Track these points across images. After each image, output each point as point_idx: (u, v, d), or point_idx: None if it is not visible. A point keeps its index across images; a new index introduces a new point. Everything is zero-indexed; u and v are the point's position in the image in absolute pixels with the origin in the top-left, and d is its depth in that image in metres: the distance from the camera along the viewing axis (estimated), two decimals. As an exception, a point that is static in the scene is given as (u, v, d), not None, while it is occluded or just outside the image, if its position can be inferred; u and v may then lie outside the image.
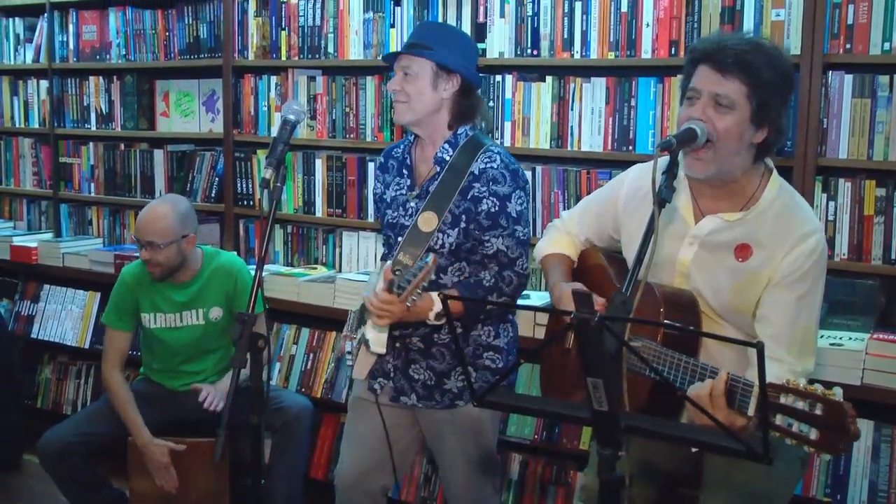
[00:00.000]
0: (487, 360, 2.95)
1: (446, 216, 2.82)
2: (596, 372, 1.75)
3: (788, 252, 2.33)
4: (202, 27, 4.67)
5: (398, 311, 2.68)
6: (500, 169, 2.83)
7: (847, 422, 1.86)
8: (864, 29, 3.23)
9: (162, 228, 3.59)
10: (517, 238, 2.85)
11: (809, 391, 1.91)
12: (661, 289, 2.43)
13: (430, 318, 2.77)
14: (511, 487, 3.86)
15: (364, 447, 3.04)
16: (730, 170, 2.38)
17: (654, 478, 2.70)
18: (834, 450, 1.90)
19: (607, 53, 3.66)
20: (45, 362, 5.14)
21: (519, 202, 2.85)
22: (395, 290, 2.65)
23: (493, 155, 2.86)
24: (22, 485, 4.54)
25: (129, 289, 3.78)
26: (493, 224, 2.82)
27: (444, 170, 2.87)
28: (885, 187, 3.26)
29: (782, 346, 2.33)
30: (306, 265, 4.51)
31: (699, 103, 2.32)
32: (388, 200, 3.01)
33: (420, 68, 2.85)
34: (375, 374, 3.00)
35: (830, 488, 3.25)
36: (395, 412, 3.01)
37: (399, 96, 2.87)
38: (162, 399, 3.85)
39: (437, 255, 2.81)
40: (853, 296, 3.34)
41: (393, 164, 3.05)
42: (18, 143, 5.50)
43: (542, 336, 3.44)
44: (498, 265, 2.85)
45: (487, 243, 2.84)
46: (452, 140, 2.91)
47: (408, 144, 3.04)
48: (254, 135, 4.58)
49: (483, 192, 2.82)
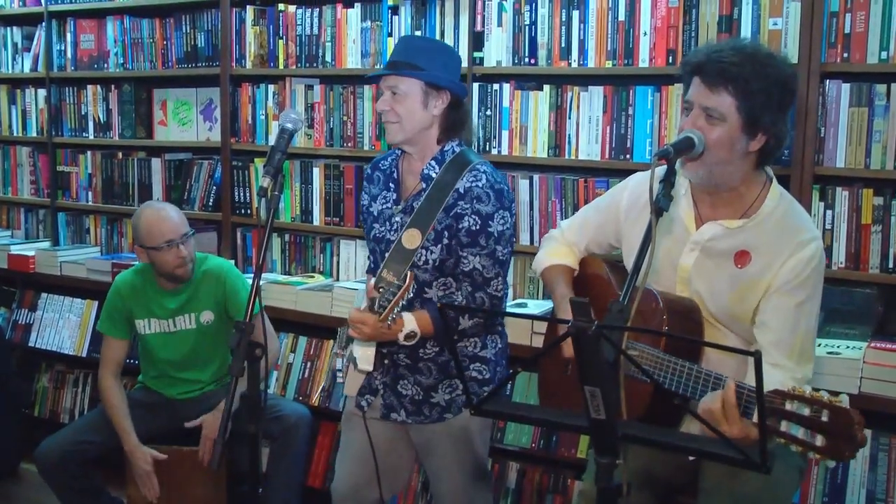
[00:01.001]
0: (474, 372, 2.94)
1: (430, 233, 2.81)
2: (593, 380, 1.75)
3: (787, 259, 2.35)
4: (200, 36, 4.68)
5: (375, 329, 2.69)
6: (486, 188, 2.80)
7: (854, 429, 1.86)
8: (862, 38, 3.23)
9: (182, 220, 3.74)
10: (496, 258, 2.82)
11: (815, 398, 1.91)
12: (664, 296, 2.44)
13: (399, 338, 2.76)
14: (508, 496, 3.86)
15: (357, 461, 3.04)
16: (725, 177, 2.39)
17: (652, 486, 2.69)
18: (840, 456, 1.90)
19: (605, 62, 3.67)
20: (43, 371, 5.13)
21: (501, 222, 2.81)
22: (376, 308, 2.66)
23: (479, 174, 2.83)
24: (20, 493, 4.54)
25: (122, 297, 3.80)
26: (472, 242, 2.79)
27: (429, 187, 2.85)
28: (882, 196, 3.26)
29: (782, 352, 2.34)
30: (304, 274, 4.51)
31: (691, 115, 2.34)
32: (374, 214, 2.99)
33: (409, 87, 2.81)
34: (363, 392, 3.00)
35: (828, 497, 3.25)
36: (387, 427, 3.01)
37: (389, 116, 2.83)
38: (160, 407, 3.85)
39: (422, 270, 2.81)
40: (851, 304, 3.35)
41: (379, 176, 3.03)
42: (16, 152, 5.50)
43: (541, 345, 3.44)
44: (472, 285, 2.82)
45: (465, 260, 2.81)
46: (439, 157, 2.88)
47: (395, 157, 3.02)
48: (251, 143, 4.59)
49: (466, 209, 2.79)
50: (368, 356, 2.85)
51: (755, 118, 2.31)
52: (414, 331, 2.76)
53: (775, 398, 1.97)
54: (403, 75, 2.81)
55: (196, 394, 3.85)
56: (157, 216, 3.70)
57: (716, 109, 2.30)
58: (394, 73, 2.82)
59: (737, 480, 2.47)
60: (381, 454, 2.98)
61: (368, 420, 2.97)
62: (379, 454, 2.97)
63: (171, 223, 3.68)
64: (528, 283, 3.95)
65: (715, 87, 2.29)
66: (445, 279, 2.87)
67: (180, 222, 3.72)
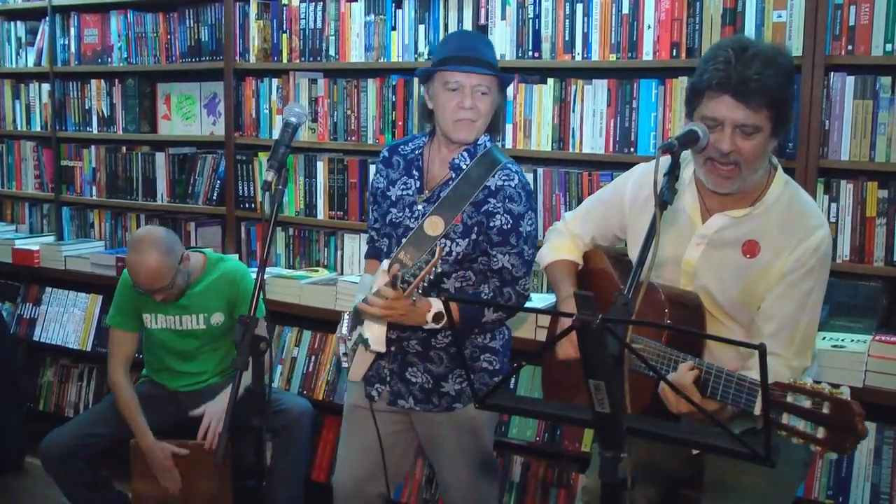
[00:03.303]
0: (485, 363, 2.95)
1: (457, 225, 2.81)
2: (598, 374, 1.75)
3: (795, 247, 2.35)
4: (204, 30, 4.68)
5: (402, 306, 2.66)
6: (518, 188, 2.83)
7: (855, 420, 1.86)
8: (866, 30, 3.23)
9: (160, 275, 3.55)
10: (524, 258, 2.84)
11: (817, 390, 1.91)
12: (665, 290, 2.43)
13: (427, 319, 2.74)
14: (513, 489, 3.86)
15: (361, 454, 3.04)
16: (752, 180, 2.40)
17: (657, 480, 2.69)
18: (841, 449, 1.90)
19: (609, 55, 3.66)
20: (48, 365, 5.14)
21: (530, 223, 2.85)
22: (399, 284, 2.62)
23: (512, 174, 2.84)
24: (25, 487, 4.55)
25: (131, 290, 3.78)
26: (503, 240, 2.81)
27: (458, 177, 2.85)
28: (887, 189, 3.26)
29: (782, 341, 2.34)
30: (308, 268, 4.51)
31: (726, 135, 2.29)
32: (392, 198, 2.96)
33: (491, 85, 2.81)
34: (372, 381, 2.98)
35: (832, 490, 3.25)
36: (393, 417, 3.01)
37: (470, 114, 2.80)
38: (165, 400, 3.85)
39: (443, 261, 2.81)
40: (855, 297, 3.34)
41: (399, 160, 2.99)
42: (20, 147, 5.51)
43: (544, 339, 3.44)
44: (500, 281, 2.85)
45: (494, 258, 2.83)
46: (472, 149, 2.88)
47: (420, 143, 3.00)
48: (255, 137, 4.59)
49: (498, 207, 2.80)
50: (380, 336, 2.81)
51: (782, 120, 2.32)
52: (441, 311, 2.72)
53: (776, 390, 1.97)
54: (498, 76, 2.82)
55: (200, 386, 3.86)
56: (134, 268, 3.56)
57: (753, 125, 2.28)
58: (494, 73, 2.81)
59: (742, 473, 2.47)
60: (384, 447, 2.97)
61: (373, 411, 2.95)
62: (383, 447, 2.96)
63: (140, 280, 3.55)
64: (533, 278, 3.94)
65: (752, 105, 2.26)
66: (465, 272, 2.87)
67: (153, 280, 3.54)
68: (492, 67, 2.80)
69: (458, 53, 2.80)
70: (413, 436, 3.08)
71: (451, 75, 2.78)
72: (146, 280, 3.55)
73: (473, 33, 3.13)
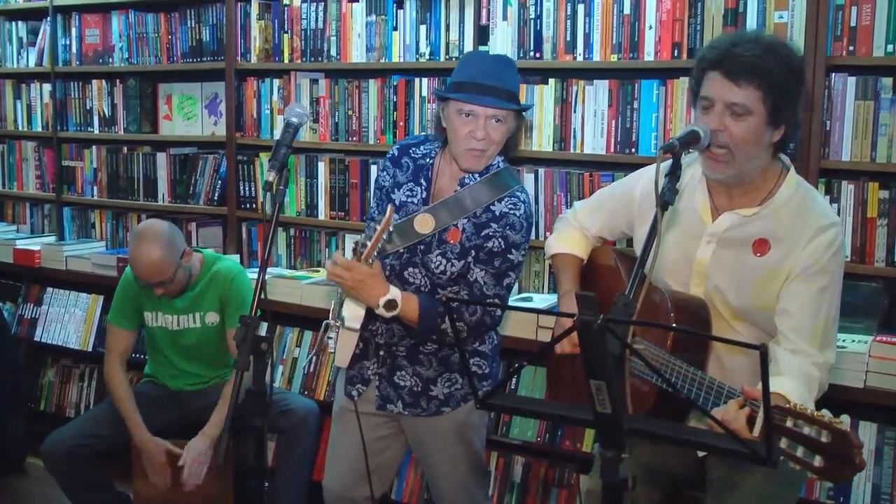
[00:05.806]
0: (474, 367, 2.93)
1: (455, 245, 2.78)
2: (599, 374, 1.75)
3: (807, 245, 2.34)
4: (205, 30, 4.68)
5: (358, 272, 2.62)
6: (521, 219, 2.77)
7: (853, 453, 1.84)
8: (868, 31, 3.23)
9: (161, 269, 3.56)
10: (501, 282, 2.79)
11: (817, 417, 1.89)
12: (672, 294, 2.43)
13: (379, 302, 2.67)
14: (514, 490, 3.86)
15: (349, 458, 3.01)
16: (750, 171, 2.39)
17: (659, 480, 2.69)
18: (837, 479, 1.88)
19: (610, 56, 3.66)
20: (49, 365, 5.14)
21: (522, 254, 2.80)
22: (358, 250, 2.63)
23: (519, 203, 2.78)
24: (26, 488, 4.55)
25: (132, 287, 3.79)
26: (488, 259, 2.77)
27: (463, 189, 2.80)
28: (888, 189, 3.26)
29: (804, 338, 2.33)
30: (309, 268, 4.51)
31: (714, 113, 2.31)
32: (395, 203, 2.89)
33: (507, 115, 2.73)
34: (354, 381, 2.97)
35: (834, 491, 3.25)
36: (381, 421, 2.98)
37: (482, 144, 2.71)
38: (167, 401, 3.86)
39: (437, 277, 2.79)
40: (856, 298, 3.34)
41: (408, 163, 2.92)
42: (21, 147, 5.51)
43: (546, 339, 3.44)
44: (469, 294, 2.79)
45: (471, 271, 2.78)
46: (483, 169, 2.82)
47: (432, 151, 2.92)
48: (256, 138, 4.59)
49: (497, 232, 2.76)
50: (358, 315, 2.78)
51: (779, 109, 2.30)
52: (395, 300, 2.67)
53: (778, 413, 1.95)
54: (522, 110, 2.76)
55: (201, 387, 3.86)
56: (135, 259, 3.58)
57: (742, 104, 2.27)
58: (517, 108, 2.73)
59: (744, 474, 2.47)
60: (372, 452, 2.94)
61: (361, 415, 2.90)
62: (370, 452, 2.92)
63: (141, 272, 3.58)
64: (534, 278, 3.95)
65: (741, 82, 2.27)
66: (459, 287, 2.83)
67: (154, 273, 3.56)
68: (510, 97, 2.70)
69: (476, 80, 2.69)
70: (402, 440, 3.06)
71: (466, 104, 2.69)
72: (146, 273, 3.56)
73: (497, 56, 2.97)
